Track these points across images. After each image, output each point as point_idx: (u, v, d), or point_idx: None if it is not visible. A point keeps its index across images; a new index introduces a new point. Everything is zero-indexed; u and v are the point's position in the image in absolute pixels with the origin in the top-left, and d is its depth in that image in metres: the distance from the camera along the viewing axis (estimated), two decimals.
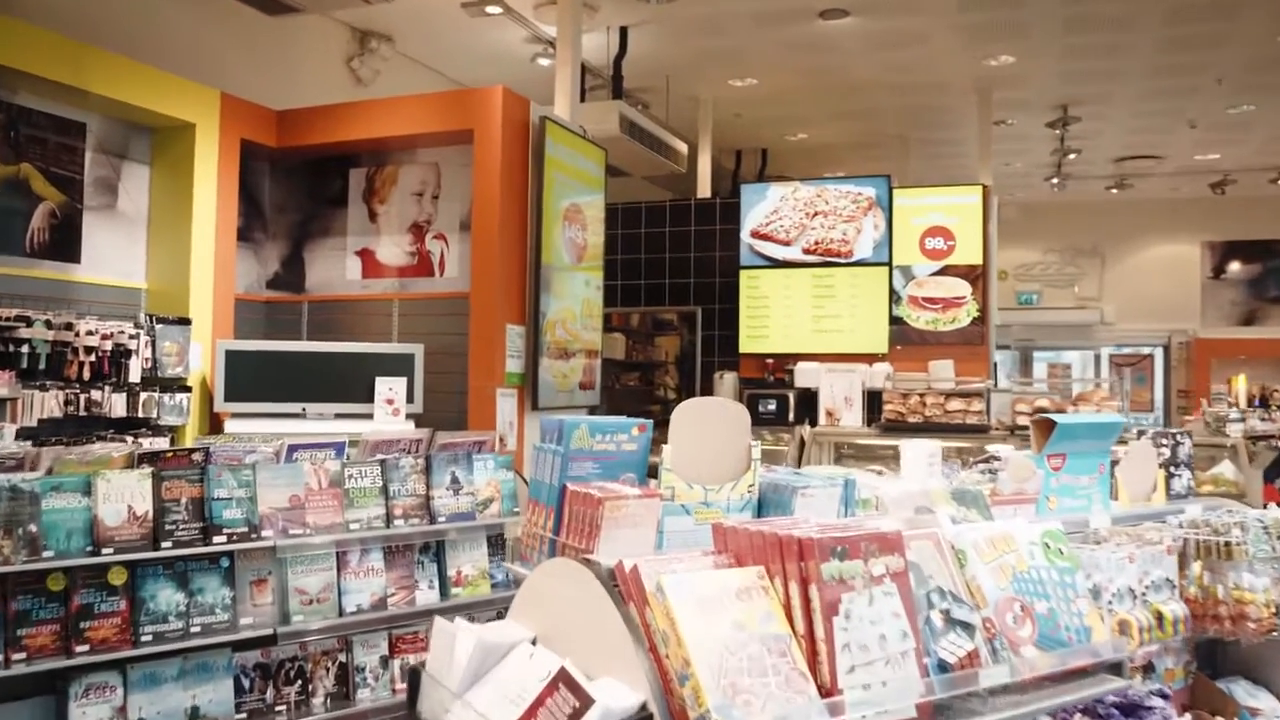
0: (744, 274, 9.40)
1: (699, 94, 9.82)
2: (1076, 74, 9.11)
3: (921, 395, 5.95)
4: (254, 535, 3.64)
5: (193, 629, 3.45)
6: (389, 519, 4.01)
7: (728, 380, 9.42)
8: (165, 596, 3.43)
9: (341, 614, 3.80)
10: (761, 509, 2.18)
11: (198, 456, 3.71)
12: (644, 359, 13.08)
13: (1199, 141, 11.47)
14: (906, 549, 1.66)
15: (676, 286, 9.97)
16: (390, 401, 6.03)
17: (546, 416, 2.35)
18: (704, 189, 10.27)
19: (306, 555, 3.78)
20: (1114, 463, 2.99)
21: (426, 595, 4.08)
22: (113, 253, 5.94)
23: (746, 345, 9.43)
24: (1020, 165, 12.55)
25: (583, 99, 8.00)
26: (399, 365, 6.21)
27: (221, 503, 3.59)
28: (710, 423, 2.15)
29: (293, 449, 4.04)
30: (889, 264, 8.95)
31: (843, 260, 9.08)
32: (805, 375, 8.79)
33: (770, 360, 9.32)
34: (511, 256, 6.13)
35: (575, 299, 6.67)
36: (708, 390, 9.60)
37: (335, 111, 6.52)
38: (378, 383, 6.03)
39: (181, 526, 3.46)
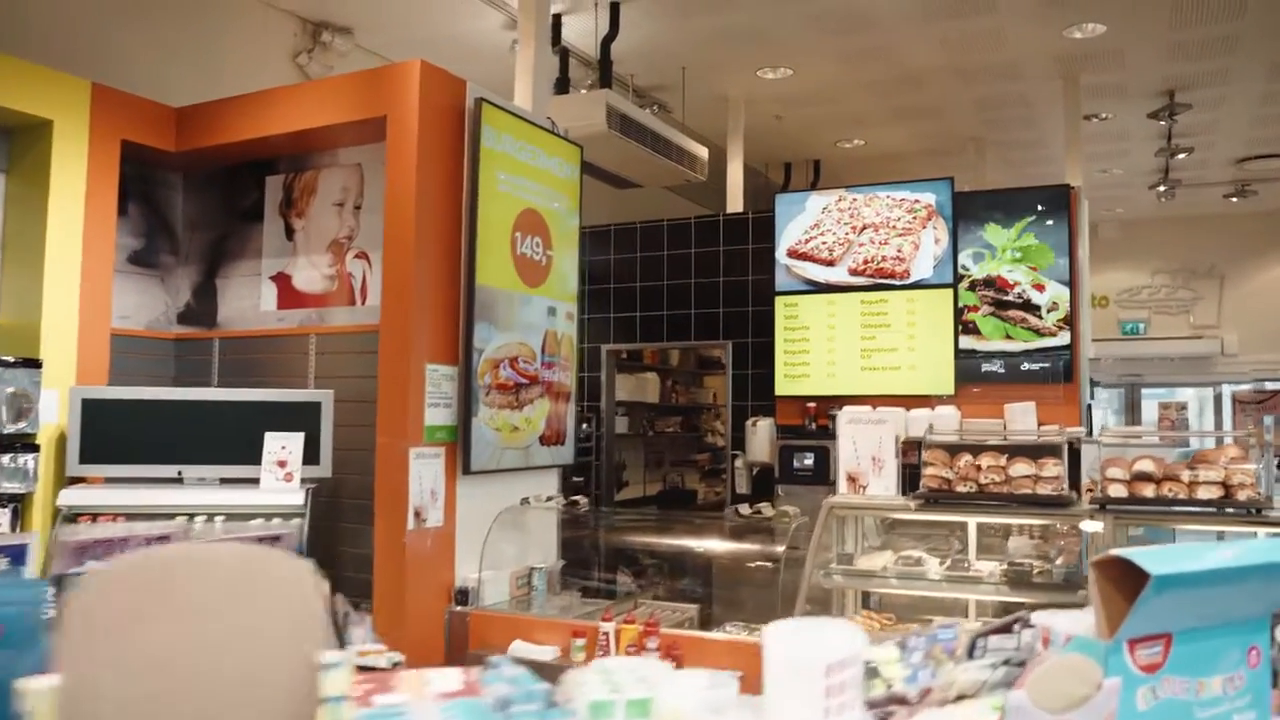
0: (779, 300, 7.90)
1: (727, 91, 8.40)
2: (1185, 47, 7.39)
3: (975, 454, 4.39)
4: None
5: None
6: None
7: (762, 429, 7.92)
8: None
9: None
10: None
11: None
12: (687, 402, 11.64)
13: None
14: None
15: (703, 318, 8.52)
16: (282, 464, 4.73)
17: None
18: (735, 203, 8.81)
19: None
20: None
21: None
22: None
23: (783, 386, 7.90)
24: (1120, 171, 10.74)
25: (565, 90, 6.68)
26: (303, 417, 4.92)
27: None
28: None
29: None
30: (954, 285, 7.34)
31: (898, 282, 7.51)
32: (853, 421, 7.23)
33: (812, 404, 7.78)
34: (436, 277, 4.80)
35: (532, 330, 5.29)
36: (739, 442, 8.10)
37: (238, 105, 5.31)
38: (267, 440, 4.75)
39: None
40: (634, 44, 7.36)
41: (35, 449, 4.75)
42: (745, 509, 4.69)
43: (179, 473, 4.85)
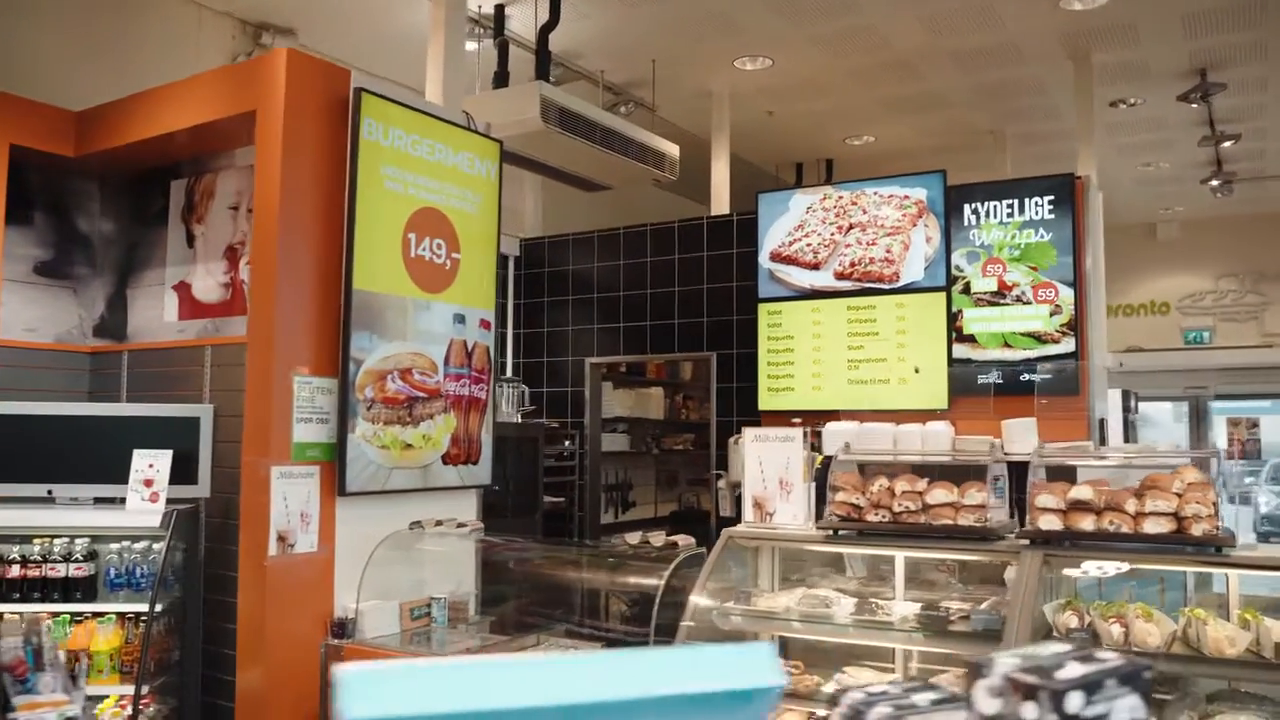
0: (762, 308, 7.33)
1: (709, 85, 7.88)
2: (1201, 18, 6.59)
3: (890, 478, 3.78)
4: None
5: None
6: None
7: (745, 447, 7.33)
8: None
9: None
10: None
11: None
12: (699, 418, 11.08)
13: None
14: None
15: (687, 328, 7.99)
16: (149, 483, 4.40)
17: None
18: (720, 204, 8.27)
19: None
20: None
21: None
22: None
23: (767, 400, 7.32)
24: (1166, 165, 9.81)
25: (505, 84, 6.27)
26: (181, 433, 4.60)
27: None
28: None
29: None
30: (947, 288, 6.67)
31: (886, 285, 6.88)
32: (835, 440, 6.63)
33: (797, 420, 7.15)
34: (310, 282, 4.42)
35: (432, 340, 4.87)
36: (722, 462, 7.55)
37: (129, 105, 5.04)
38: (135, 457, 4.43)
39: None
40: (597, 36, 6.92)
41: None
42: (634, 538, 4.18)
43: (49, 491, 4.57)
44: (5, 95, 4.96)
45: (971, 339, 6.60)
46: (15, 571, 4.21)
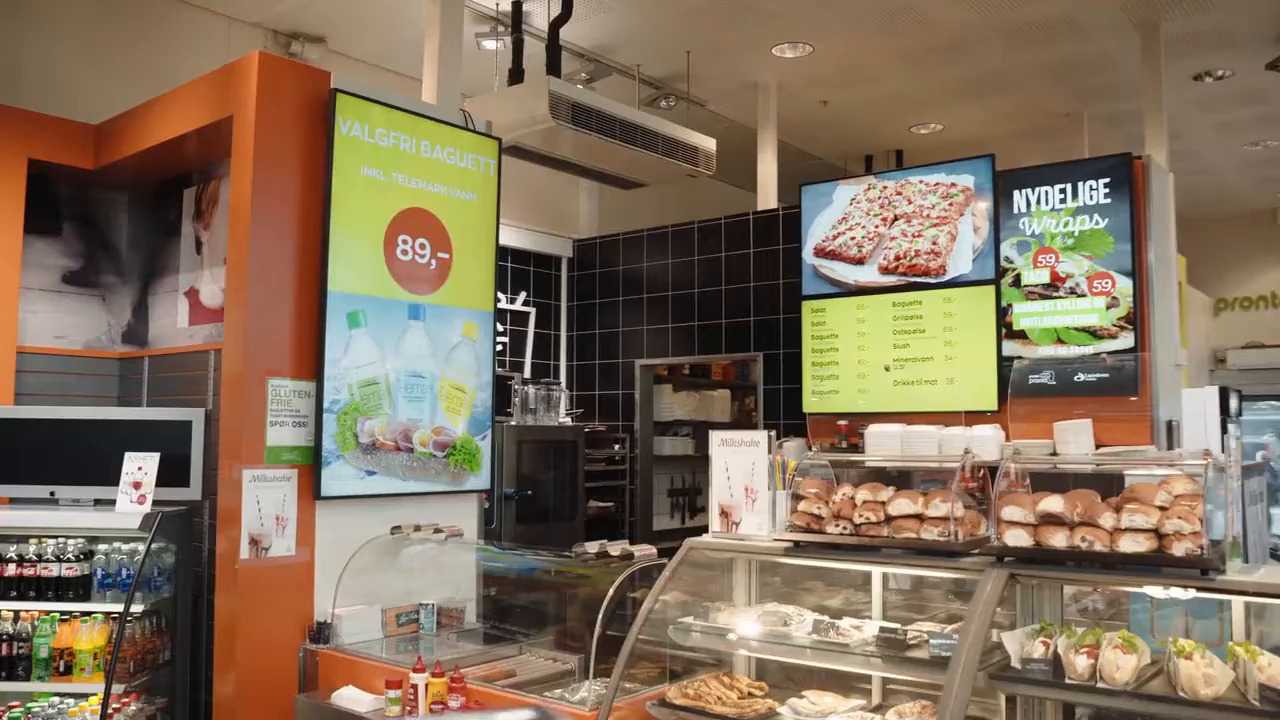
0: (806, 305, 7.01)
1: (754, 76, 7.58)
2: None
3: (853, 488, 3.47)
4: None
5: None
6: None
7: (789, 450, 7.01)
8: None
9: None
10: None
11: None
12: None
13: None
14: None
15: (734, 328, 7.74)
16: (138, 485, 4.48)
17: None
18: (768, 198, 7.95)
19: None
20: None
21: None
22: None
23: (811, 403, 6.99)
24: (1277, 144, 8.95)
25: (520, 80, 6.16)
26: (174, 436, 4.67)
27: None
28: None
29: None
30: (996, 280, 6.22)
31: (932, 279, 6.47)
32: (878, 442, 6.29)
33: (843, 423, 6.83)
34: (286, 284, 4.41)
35: (418, 342, 4.80)
36: None
37: (139, 115, 5.15)
38: (126, 460, 4.52)
39: None
40: (627, 30, 6.75)
41: None
42: (593, 547, 3.99)
43: (51, 493, 4.71)
44: (22, 111, 5.15)
45: (1022, 335, 6.13)
46: (11, 570, 4.33)
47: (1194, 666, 2.72)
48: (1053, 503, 3.09)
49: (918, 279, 6.52)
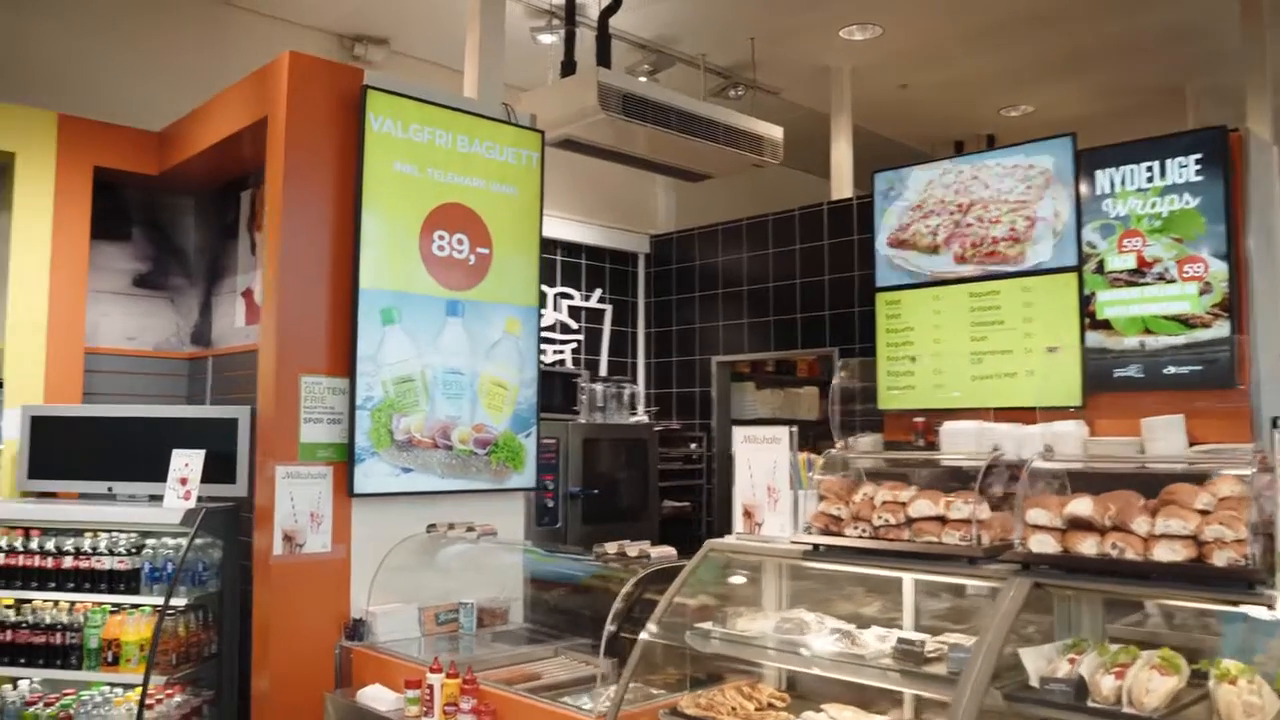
0: (880, 298, 6.69)
1: (824, 60, 7.30)
2: None
3: (874, 487, 3.23)
4: None
5: None
6: None
7: (862, 446, 6.74)
8: None
9: None
10: None
11: None
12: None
13: None
14: None
15: (809, 322, 7.48)
16: (184, 481, 4.58)
17: None
18: (843, 188, 7.65)
19: None
20: None
21: None
22: None
23: (886, 400, 6.68)
24: None
25: (572, 73, 6.08)
26: (222, 434, 4.76)
27: None
28: None
29: None
30: (1078, 268, 5.81)
31: (1011, 268, 6.09)
32: (954, 440, 5.96)
33: (920, 419, 6.48)
34: (319, 282, 4.44)
35: (455, 338, 4.76)
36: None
37: (194, 120, 5.28)
38: (174, 456, 4.62)
39: None
40: (690, 18, 6.58)
41: None
42: (612, 547, 3.86)
43: (109, 489, 4.86)
44: (87, 121, 5.34)
45: (1106, 325, 5.69)
46: (69, 562, 4.47)
47: (1234, 693, 2.43)
48: (1081, 505, 2.81)
49: (995, 268, 6.15)
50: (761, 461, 3.66)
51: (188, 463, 4.59)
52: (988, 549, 2.99)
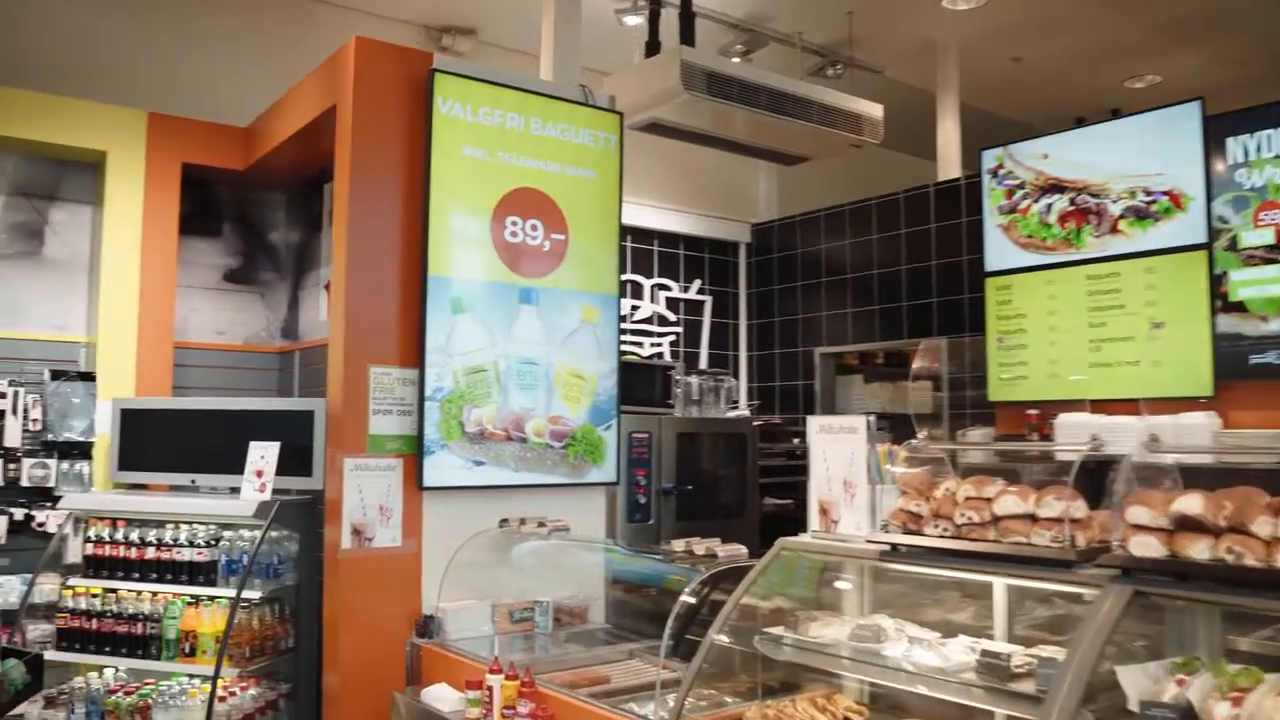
0: (989, 284, 6.29)
1: (929, 34, 6.89)
2: None
3: (957, 482, 2.91)
4: None
5: None
6: None
7: (973, 438, 6.36)
8: None
9: None
10: None
11: None
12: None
13: None
14: None
15: (916, 310, 7.09)
16: (260, 473, 4.57)
17: None
18: (950, 168, 7.20)
19: None
20: None
21: None
22: (39, 305, 5.30)
23: (997, 390, 6.27)
24: None
25: (656, 53, 5.87)
26: (299, 426, 4.74)
27: None
28: None
29: None
30: (1208, 245, 5.30)
31: (1133, 247, 5.61)
32: (1070, 434, 5.54)
33: (1033, 411, 6.06)
34: (388, 271, 4.35)
35: (530, 327, 4.62)
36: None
37: (274, 114, 5.30)
38: (250, 449, 4.62)
39: None
40: None
41: (88, 456, 5.09)
42: (680, 545, 3.63)
43: (193, 480, 4.90)
44: (174, 118, 5.41)
45: (1240, 307, 5.17)
46: (151, 553, 4.52)
47: None
48: (1190, 502, 2.44)
49: (1116, 247, 5.66)
50: (838, 454, 3.38)
51: (264, 455, 4.57)
52: (1083, 551, 2.64)
